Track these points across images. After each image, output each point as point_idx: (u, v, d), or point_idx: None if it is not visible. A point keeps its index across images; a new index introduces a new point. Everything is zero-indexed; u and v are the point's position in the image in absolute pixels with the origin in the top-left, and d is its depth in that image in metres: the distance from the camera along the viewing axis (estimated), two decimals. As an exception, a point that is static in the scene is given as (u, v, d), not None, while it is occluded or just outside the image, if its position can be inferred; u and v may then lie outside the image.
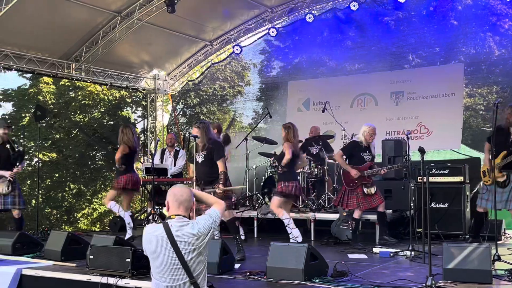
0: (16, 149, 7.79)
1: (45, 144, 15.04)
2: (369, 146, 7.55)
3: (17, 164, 7.78)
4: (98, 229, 13.89)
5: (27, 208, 13.08)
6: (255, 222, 9.20)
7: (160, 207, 9.52)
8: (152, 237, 3.54)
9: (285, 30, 12.48)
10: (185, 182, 10.09)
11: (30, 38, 10.44)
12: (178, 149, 10.25)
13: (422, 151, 6.45)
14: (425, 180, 5.61)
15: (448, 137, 10.19)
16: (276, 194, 7.48)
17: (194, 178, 6.80)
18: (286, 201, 7.52)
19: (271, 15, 12.15)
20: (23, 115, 15.38)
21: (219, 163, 6.63)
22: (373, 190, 7.47)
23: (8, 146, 7.75)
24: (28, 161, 15.12)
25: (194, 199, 3.72)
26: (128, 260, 5.40)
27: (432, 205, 8.08)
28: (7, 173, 7.67)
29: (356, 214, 7.56)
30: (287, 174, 7.40)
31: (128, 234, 8.12)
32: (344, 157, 7.67)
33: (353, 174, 7.46)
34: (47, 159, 15.04)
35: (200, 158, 6.73)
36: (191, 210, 3.67)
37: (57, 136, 15.50)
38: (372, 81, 11.30)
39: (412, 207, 7.52)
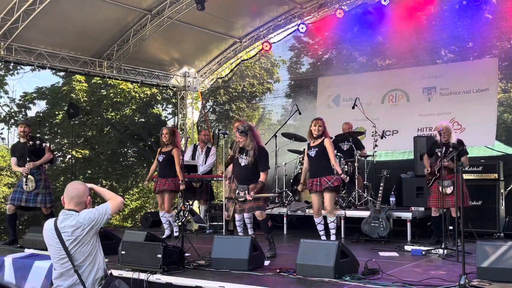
0: (29, 145, 7.66)
1: (78, 141, 15.27)
2: (448, 143, 7.21)
3: (28, 159, 7.69)
4: (130, 225, 14.07)
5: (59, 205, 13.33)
6: (285, 219, 9.19)
7: (191, 203, 9.60)
8: (45, 231, 4.00)
9: (314, 26, 12.37)
10: (215, 178, 10.16)
11: (63, 37, 10.62)
12: (210, 146, 10.27)
13: (455, 147, 6.35)
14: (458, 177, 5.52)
15: (481, 134, 9.97)
16: (333, 189, 7.21)
17: (229, 177, 6.78)
18: None
19: (301, 11, 12.07)
20: (57, 112, 15.65)
21: (263, 174, 6.56)
22: (448, 190, 7.15)
23: (30, 143, 7.71)
24: (61, 158, 15.39)
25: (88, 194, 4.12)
26: (159, 256, 5.46)
27: (466, 202, 7.94)
28: (20, 169, 7.66)
29: (433, 212, 7.44)
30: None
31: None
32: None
33: (424, 171, 7.48)
34: (80, 156, 15.28)
35: (243, 162, 6.62)
36: (87, 204, 4.06)
37: (89, 133, 15.73)
38: (404, 77, 11.13)
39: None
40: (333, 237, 7.22)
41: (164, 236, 8.40)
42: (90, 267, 3.94)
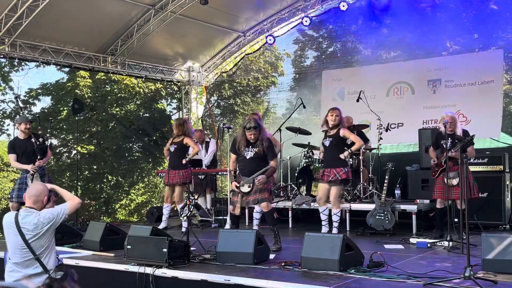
0: (38, 143, 7.71)
1: (83, 137, 15.33)
2: (454, 133, 7.08)
3: (38, 157, 7.70)
4: (136, 220, 14.12)
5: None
6: (290, 212, 9.19)
7: (196, 197, 9.63)
8: (5, 223, 4.46)
9: (318, 19, 12.34)
10: (220, 173, 10.19)
11: (67, 33, 10.64)
12: (208, 140, 10.38)
13: (460, 140, 6.33)
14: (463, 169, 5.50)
15: (487, 125, 9.92)
16: (339, 183, 7.19)
17: (232, 171, 6.78)
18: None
19: (304, 4, 12.03)
20: (61, 108, 15.71)
21: (273, 162, 6.54)
22: (454, 182, 6.99)
23: (33, 140, 7.73)
24: (67, 154, 15.46)
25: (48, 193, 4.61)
26: (165, 250, 5.48)
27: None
28: (29, 167, 7.63)
29: (437, 204, 7.34)
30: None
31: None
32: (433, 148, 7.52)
33: (431, 162, 7.36)
34: (86, 152, 15.34)
35: (249, 154, 6.57)
36: (43, 202, 4.51)
37: (94, 129, 15.78)
38: (409, 69, 11.08)
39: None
40: (334, 230, 7.18)
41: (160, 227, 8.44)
42: (47, 257, 4.44)
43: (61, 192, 4.86)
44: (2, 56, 10.28)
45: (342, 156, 7.14)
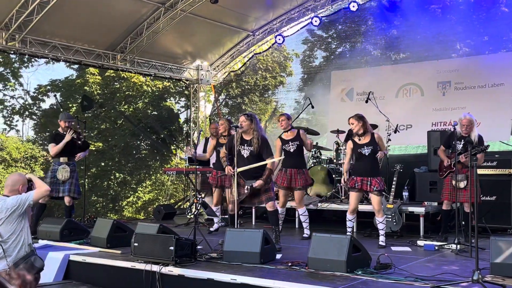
0: (83, 139, 8.27)
1: (91, 134, 15.37)
2: (469, 135, 6.99)
3: (82, 151, 8.38)
4: (143, 217, 14.14)
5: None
6: (297, 213, 9.17)
7: (203, 195, 9.63)
8: None
9: (328, 19, 12.31)
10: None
11: (77, 30, 10.66)
12: None
13: (469, 142, 6.31)
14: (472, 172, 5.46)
15: (496, 128, 9.86)
16: (379, 193, 6.90)
17: (224, 157, 6.78)
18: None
19: (314, 4, 12.00)
20: (70, 105, 15.75)
21: (268, 160, 6.49)
22: (461, 184, 6.93)
23: (74, 135, 8.14)
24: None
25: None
26: (172, 248, 5.49)
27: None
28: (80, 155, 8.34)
29: (443, 205, 7.29)
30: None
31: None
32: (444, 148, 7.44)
33: (444, 163, 7.30)
34: (94, 149, 15.38)
35: (245, 153, 6.55)
36: (19, 191, 4.83)
37: (102, 126, 15.82)
38: (418, 71, 11.03)
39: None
40: (382, 238, 6.95)
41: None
42: (14, 243, 4.67)
43: (36, 181, 5.08)
44: (12, 52, 10.34)
45: (379, 155, 7.03)
